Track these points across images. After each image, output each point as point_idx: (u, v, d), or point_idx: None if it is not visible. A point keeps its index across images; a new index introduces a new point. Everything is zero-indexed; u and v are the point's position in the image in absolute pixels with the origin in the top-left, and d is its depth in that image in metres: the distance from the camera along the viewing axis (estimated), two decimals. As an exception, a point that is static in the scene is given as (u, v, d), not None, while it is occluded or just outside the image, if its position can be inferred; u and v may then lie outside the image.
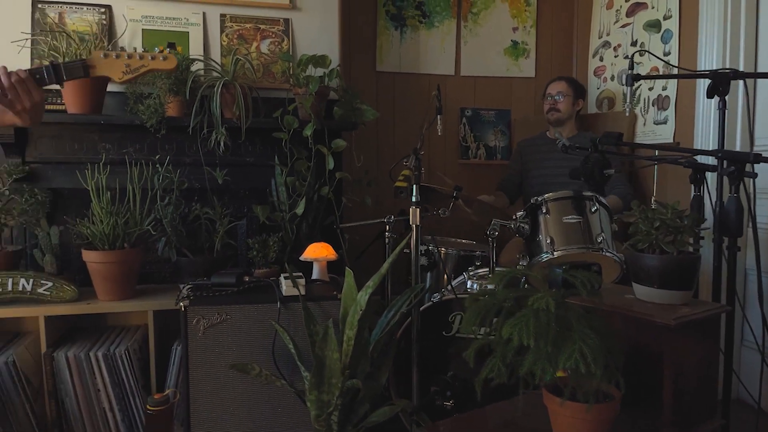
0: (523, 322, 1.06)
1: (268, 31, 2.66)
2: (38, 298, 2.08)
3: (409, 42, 3.29)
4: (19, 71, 1.22)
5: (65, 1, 2.43)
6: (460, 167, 3.42)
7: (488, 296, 1.24)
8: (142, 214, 2.20)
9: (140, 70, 1.25)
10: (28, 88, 1.22)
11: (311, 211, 2.44)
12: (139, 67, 1.25)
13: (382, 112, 3.23)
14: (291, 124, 2.38)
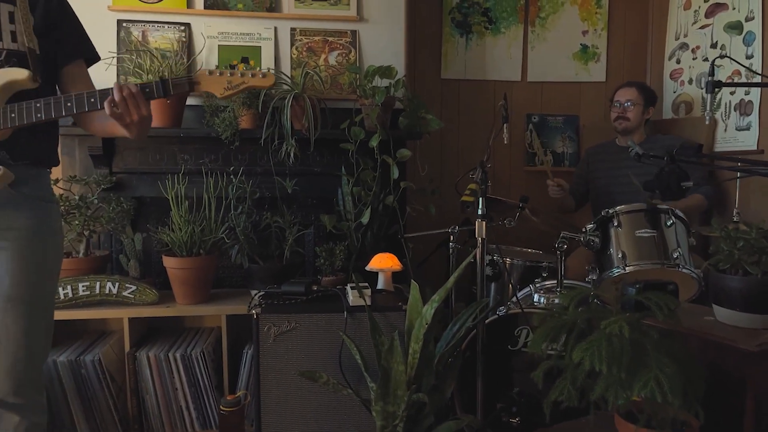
0: (595, 347, 1.04)
1: (336, 43, 2.72)
2: (123, 300, 2.22)
3: (475, 49, 3.27)
4: (130, 85, 1.29)
5: (148, 20, 2.58)
6: (526, 174, 3.36)
7: (558, 316, 1.22)
8: (217, 223, 2.31)
9: (240, 86, 1.30)
10: (138, 102, 1.29)
11: (376, 220, 2.48)
12: (239, 84, 1.30)
13: (446, 119, 3.22)
14: (358, 135, 2.43)
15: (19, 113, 1.28)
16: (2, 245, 1.34)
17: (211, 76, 1.31)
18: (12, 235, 1.35)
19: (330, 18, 2.70)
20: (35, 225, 1.38)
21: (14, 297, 1.34)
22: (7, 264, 1.34)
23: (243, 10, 2.63)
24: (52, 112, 1.30)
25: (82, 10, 2.49)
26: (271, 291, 1.96)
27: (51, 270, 1.44)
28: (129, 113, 1.29)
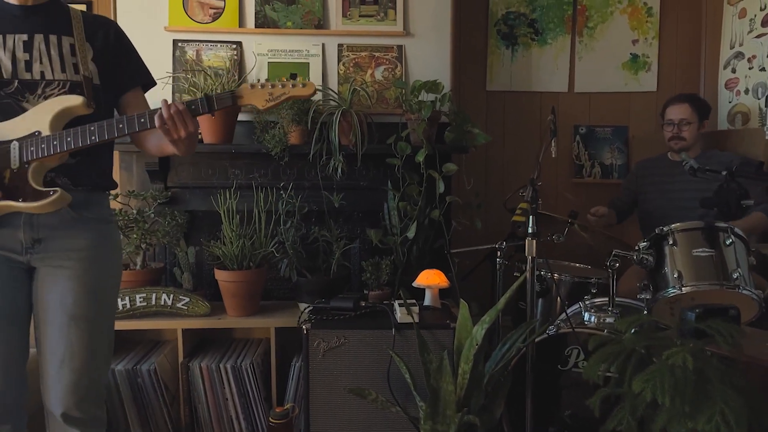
0: (657, 378, 1.02)
1: (383, 59, 2.75)
2: (177, 312, 2.30)
3: (521, 60, 3.24)
4: (177, 103, 1.34)
5: (202, 40, 2.67)
6: (573, 186, 3.31)
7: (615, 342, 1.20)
8: (267, 236, 2.36)
9: (281, 97, 1.33)
10: (184, 118, 1.34)
11: (422, 235, 2.48)
12: (281, 94, 1.33)
13: (491, 131, 3.20)
14: (404, 150, 2.44)
15: (74, 136, 1.35)
16: (66, 265, 1.40)
17: (253, 89, 1.34)
18: (75, 256, 1.41)
19: (377, 33, 2.73)
20: (96, 246, 1.44)
21: (78, 315, 1.41)
22: (70, 284, 1.40)
23: (292, 27, 2.68)
24: (105, 134, 1.36)
25: (141, 31, 2.64)
26: (319, 306, 1.99)
27: (112, 287, 1.51)
28: (176, 129, 1.34)
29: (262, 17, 2.67)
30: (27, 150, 1.33)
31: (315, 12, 2.70)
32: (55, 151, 1.33)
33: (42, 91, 1.37)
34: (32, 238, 1.38)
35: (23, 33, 1.38)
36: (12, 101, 1.36)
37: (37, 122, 1.33)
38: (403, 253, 2.45)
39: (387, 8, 2.73)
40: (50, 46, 1.39)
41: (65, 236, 1.41)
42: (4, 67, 1.36)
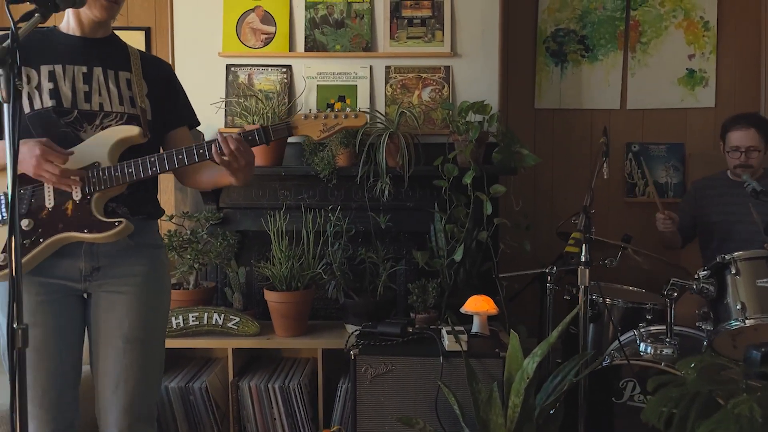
0: (722, 428, 0.97)
1: (430, 79, 2.75)
2: (227, 331, 2.35)
3: (570, 77, 3.19)
4: (235, 135, 1.38)
5: (253, 64, 2.74)
6: (625, 206, 3.21)
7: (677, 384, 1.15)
8: (314, 257, 2.40)
9: (335, 128, 1.37)
10: (243, 148, 1.37)
11: (469, 257, 2.46)
12: (334, 125, 1.37)
13: (540, 150, 3.15)
14: (451, 172, 2.44)
15: (135, 167, 1.39)
16: (122, 291, 1.45)
17: (307, 120, 1.38)
18: (131, 281, 1.46)
19: (424, 54, 2.74)
20: (149, 271, 1.49)
21: (133, 338, 1.46)
22: (127, 308, 1.46)
23: (341, 50, 2.73)
24: (166, 165, 1.40)
25: (196, 57, 2.74)
26: (367, 330, 1.99)
27: (164, 309, 1.57)
28: (236, 160, 1.37)
29: (311, 41, 2.73)
30: (89, 181, 1.38)
31: (363, 35, 2.73)
32: (117, 183, 1.38)
33: (100, 122, 1.42)
34: (92, 267, 1.43)
35: (83, 65, 1.43)
36: (70, 130, 1.40)
37: (96, 153, 1.38)
38: (449, 275, 2.43)
39: (434, 29, 2.74)
40: (108, 79, 1.44)
41: (122, 263, 1.45)
42: (64, 97, 1.40)
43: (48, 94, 1.38)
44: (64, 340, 1.43)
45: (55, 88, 1.39)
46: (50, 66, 1.41)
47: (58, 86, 1.40)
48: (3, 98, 1.08)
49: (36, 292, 1.40)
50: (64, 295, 1.44)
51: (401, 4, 2.74)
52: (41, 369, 1.40)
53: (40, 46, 1.43)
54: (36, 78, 1.39)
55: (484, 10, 2.76)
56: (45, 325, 1.40)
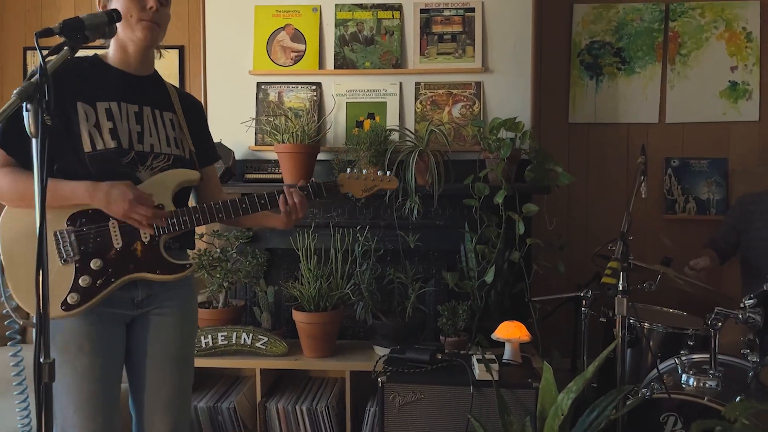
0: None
1: (460, 95, 2.71)
2: (255, 351, 2.34)
3: (606, 91, 3.10)
4: (296, 189, 1.50)
5: (283, 82, 2.75)
6: (664, 223, 3.10)
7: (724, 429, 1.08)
8: (343, 278, 2.37)
9: (373, 189, 1.55)
10: (303, 203, 1.49)
11: (500, 279, 2.40)
12: (372, 186, 1.56)
13: (574, 165, 3.08)
14: (482, 191, 2.38)
15: (203, 215, 1.45)
16: (167, 313, 1.49)
17: (350, 179, 1.57)
18: (175, 304, 1.50)
19: (455, 71, 2.70)
20: (186, 296, 1.55)
21: (180, 358, 1.51)
22: (173, 329, 1.50)
23: (370, 67, 2.71)
24: (231, 213, 1.48)
25: (228, 76, 2.76)
26: (395, 356, 1.95)
27: (197, 329, 1.67)
28: (296, 212, 1.50)
29: (341, 58, 2.72)
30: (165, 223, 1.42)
31: (393, 52, 2.71)
32: (185, 228, 1.43)
33: (150, 163, 1.43)
34: (147, 294, 1.46)
35: (134, 104, 1.44)
36: (129, 171, 1.40)
37: (159, 196, 1.41)
38: (480, 297, 2.37)
39: (465, 45, 2.70)
40: (157, 120, 1.46)
41: (170, 289, 1.49)
42: (123, 137, 1.40)
43: (109, 134, 1.38)
44: (108, 367, 1.43)
45: (114, 128, 1.39)
46: (106, 103, 1.40)
47: (116, 126, 1.40)
48: (31, 133, 1.08)
49: (92, 321, 1.40)
50: (110, 322, 1.44)
51: (431, 20, 2.71)
52: (87, 394, 1.40)
53: (92, 81, 1.42)
54: (93, 116, 1.38)
55: (516, 24, 2.71)
56: (92, 352, 1.40)
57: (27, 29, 3.25)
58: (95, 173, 1.37)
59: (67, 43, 1.18)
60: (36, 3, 3.24)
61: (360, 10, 2.72)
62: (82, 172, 1.37)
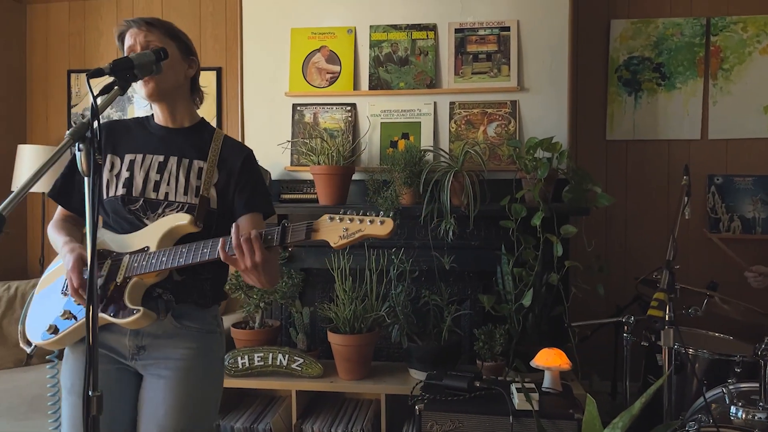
0: None
1: (495, 115, 2.69)
2: (291, 372, 2.35)
3: (645, 107, 3.03)
4: (252, 231, 1.26)
5: (318, 103, 2.77)
6: (708, 242, 3.00)
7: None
8: (378, 299, 2.37)
9: (355, 235, 1.20)
10: (253, 248, 1.24)
11: (538, 302, 2.36)
12: (356, 231, 1.20)
13: (612, 183, 3.01)
14: (519, 212, 2.35)
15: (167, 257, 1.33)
16: (163, 375, 1.38)
17: (331, 222, 1.22)
18: (172, 365, 1.38)
19: (490, 90, 2.69)
20: (195, 356, 1.40)
21: (168, 426, 1.36)
22: (163, 394, 1.37)
23: (405, 88, 2.71)
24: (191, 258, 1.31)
25: (264, 98, 2.81)
26: (432, 383, 1.93)
27: (207, 399, 1.45)
28: (243, 259, 1.24)
29: (375, 79, 2.73)
30: (131, 265, 1.37)
31: (427, 72, 2.71)
32: (149, 270, 1.34)
33: (162, 211, 1.42)
34: (136, 345, 1.40)
35: (161, 154, 1.45)
36: (134, 217, 1.41)
37: (148, 239, 1.37)
38: (517, 321, 2.34)
39: (500, 64, 2.68)
40: (180, 169, 1.43)
41: (166, 345, 1.40)
42: (135, 186, 1.42)
43: (122, 183, 1.42)
44: (112, 415, 1.38)
45: (129, 177, 1.42)
46: (132, 155, 1.45)
47: (133, 175, 1.42)
48: (83, 172, 1.11)
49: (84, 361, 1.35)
50: (116, 368, 1.41)
51: (466, 39, 2.70)
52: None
53: (130, 136, 1.48)
54: (118, 166, 1.44)
55: (552, 41, 2.68)
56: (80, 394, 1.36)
57: (71, 52, 3.36)
58: (110, 217, 1.45)
59: (117, 83, 1.22)
60: (79, 27, 3.35)
61: (394, 30, 2.73)
62: (104, 216, 1.46)
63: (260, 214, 1.49)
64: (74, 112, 3.33)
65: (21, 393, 2.33)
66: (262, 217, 1.50)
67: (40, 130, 3.39)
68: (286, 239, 1.24)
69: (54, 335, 1.38)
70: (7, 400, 2.26)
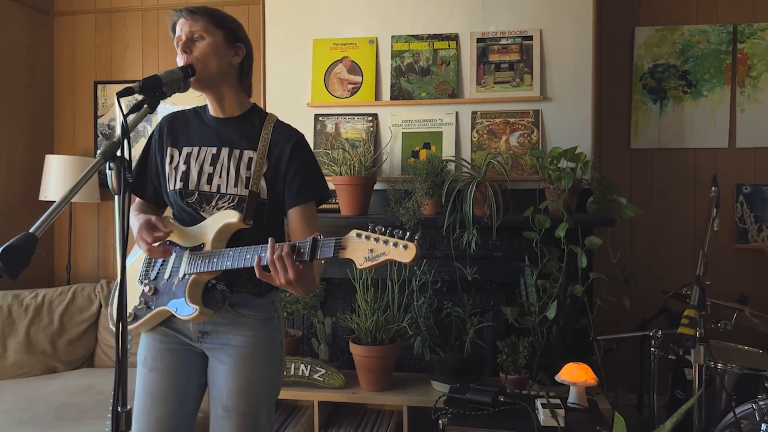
0: None
1: (518, 124, 2.67)
2: (313, 383, 2.35)
3: (671, 115, 2.98)
4: (285, 247, 1.25)
5: (340, 113, 2.78)
6: (735, 253, 2.94)
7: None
8: (400, 310, 2.36)
9: (379, 258, 1.17)
10: (286, 266, 1.24)
11: (562, 314, 2.33)
12: (380, 254, 1.17)
13: (637, 192, 2.97)
14: (542, 224, 2.33)
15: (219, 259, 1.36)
16: (224, 360, 1.46)
17: (358, 239, 1.19)
18: (231, 351, 1.45)
19: (512, 99, 2.67)
20: (252, 344, 1.45)
21: (229, 407, 1.44)
22: (226, 376, 1.45)
23: (426, 98, 2.71)
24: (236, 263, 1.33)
25: (286, 108, 2.82)
26: (455, 396, 1.92)
27: (267, 383, 1.49)
28: (278, 276, 1.24)
29: (397, 89, 2.73)
30: (190, 262, 1.42)
31: (449, 81, 2.70)
32: (204, 270, 1.38)
33: (215, 203, 1.44)
34: (199, 330, 1.47)
35: (214, 146, 1.47)
36: (192, 210, 1.46)
37: (204, 235, 1.42)
38: (541, 333, 2.31)
39: (523, 73, 2.66)
40: (231, 160, 1.44)
41: (226, 332, 1.45)
42: (191, 179, 1.45)
43: (179, 176, 1.46)
44: (177, 390, 1.47)
45: (186, 170, 1.46)
46: (189, 148, 1.48)
47: (189, 168, 1.46)
48: (113, 190, 1.13)
49: (159, 339, 1.49)
50: (184, 348, 1.49)
51: (488, 49, 2.69)
52: (151, 413, 1.46)
53: (188, 128, 1.51)
54: (177, 158, 1.48)
55: (575, 50, 2.66)
56: (162, 372, 1.47)
57: (97, 64, 3.42)
58: (174, 208, 1.51)
59: (146, 101, 1.24)
60: (105, 38, 3.41)
61: (416, 41, 2.73)
62: (171, 207, 1.53)
63: (311, 203, 1.48)
64: (100, 123, 3.39)
65: (47, 401, 2.36)
66: (315, 204, 1.50)
67: (67, 140, 3.46)
68: (316, 255, 1.23)
69: (134, 322, 1.47)
70: (34, 407, 2.29)
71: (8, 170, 3.16)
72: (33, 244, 0.95)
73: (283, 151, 1.45)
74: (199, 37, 1.42)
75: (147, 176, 1.55)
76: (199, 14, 1.43)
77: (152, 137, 1.55)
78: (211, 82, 1.45)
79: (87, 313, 2.90)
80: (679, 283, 2.54)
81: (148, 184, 1.55)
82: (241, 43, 1.49)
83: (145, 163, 1.55)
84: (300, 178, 1.45)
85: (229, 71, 1.47)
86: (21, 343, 2.71)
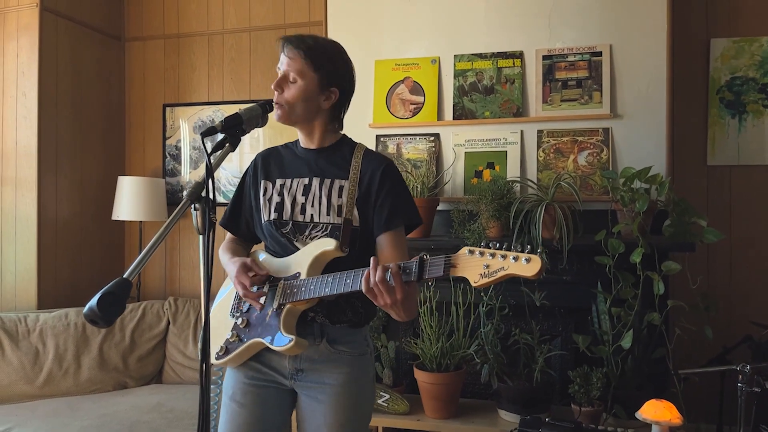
0: None
1: (586, 143, 2.58)
2: (378, 408, 2.32)
3: (750, 130, 2.82)
4: (393, 267, 1.23)
5: (402, 134, 2.76)
6: (825, 277, 2.74)
7: None
8: (465, 336, 2.31)
9: (497, 273, 1.10)
10: (395, 284, 1.21)
11: (638, 344, 2.22)
12: (498, 269, 1.10)
13: (714, 211, 2.81)
14: (616, 248, 2.22)
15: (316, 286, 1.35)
16: (320, 398, 1.44)
17: (470, 256, 1.13)
18: (329, 390, 1.43)
19: (580, 117, 2.58)
20: (349, 381, 1.44)
21: None
22: (323, 417, 1.44)
23: (490, 117, 2.66)
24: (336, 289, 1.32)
25: (350, 129, 2.76)
26: (527, 430, 1.85)
27: (363, 418, 1.50)
28: (383, 297, 1.22)
29: (460, 109, 2.69)
30: (284, 292, 1.41)
31: (514, 100, 2.64)
32: (301, 298, 1.38)
33: (309, 233, 1.44)
34: (295, 368, 1.45)
35: (305, 177, 1.48)
36: (286, 240, 1.46)
37: (300, 264, 1.41)
38: (616, 364, 2.20)
39: (592, 91, 2.57)
40: (323, 190, 1.45)
41: (322, 369, 1.44)
42: (285, 210, 1.46)
43: (274, 207, 1.48)
44: (263, 426, 1.47)
45: (280, 201, 1.48)
46: (282, 180, 1.51)
47: (283, 199, 1.48)
48: (198, 230, 1.14)
49: (247, 375, 1.48)
50: (273, 385, 1.48)
51: (554, 66, 2.61)
52: None
53: (281, 161, 1.55)
54: (270, 191, 1.51)
55: (648, 65, 2.55)
56: (251, 408, 1.47)
57: (166, 87, 3.54)
58: (267, 240, 1.52)
59: (228, 140, 1.25)
60: (173, 62, 3.53)
61: (479, 59, 2.68)
62: (263, 239, 1.54)
63: (400, 229, 1.45)
64: (168, 144, 3.50)
65: (120, 418, 2.44)
66: (404, 231, 1.47)
67: (138, 161, 3.59)
68: (424, 275, 1.20)
69: (225, 356, 1.48)
70: (108, 425, 2.37)
71: (82, 190, 3.30)
72: (128, 289, 0.97)
73: (373, 178, 1.44)
74: (293, 79, 1.43)
75: (240, 212, 1.58)
76: (299, 52, 1.43)
77: (247, 173, 1.59)
78: (295, 122, 1.48)
79: (156, 329, 2.99)
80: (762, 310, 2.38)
81: (241, 219, 1.58)
82: (335, 87, 1.48)
83: (240, 200, 1.58)
84: (390, 204, 1.43)
85: (318, 112, 1.47)
86: (94, 359, 2.81)
